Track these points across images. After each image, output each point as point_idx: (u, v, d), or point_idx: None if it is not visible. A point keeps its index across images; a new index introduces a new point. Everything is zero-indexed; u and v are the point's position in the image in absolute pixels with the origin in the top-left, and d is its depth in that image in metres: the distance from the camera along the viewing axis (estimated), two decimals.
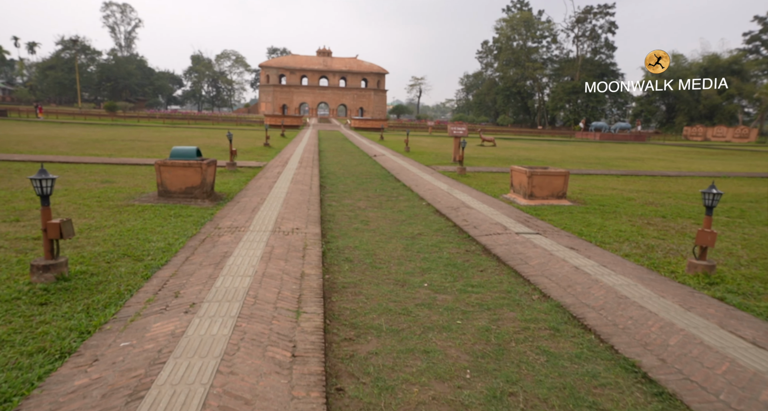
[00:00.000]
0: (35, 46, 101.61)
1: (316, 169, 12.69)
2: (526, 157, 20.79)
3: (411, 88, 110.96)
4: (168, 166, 7.47)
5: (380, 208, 8.14)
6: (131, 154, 14.80)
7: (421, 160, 16.46)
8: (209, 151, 16.88)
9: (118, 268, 4.26)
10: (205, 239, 5.33)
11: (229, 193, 8.59)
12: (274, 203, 7.51)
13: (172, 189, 7.56)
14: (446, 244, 5.90)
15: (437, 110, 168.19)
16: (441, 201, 8.58)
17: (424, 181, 10.99)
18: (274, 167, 12.51)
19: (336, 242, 5.80)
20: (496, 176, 12.82)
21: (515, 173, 9.20)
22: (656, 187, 11.70)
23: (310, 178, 10.83)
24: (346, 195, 9.28)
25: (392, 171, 13.10)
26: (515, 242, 5.72)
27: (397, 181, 11.43)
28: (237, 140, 23.42)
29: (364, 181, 11.32)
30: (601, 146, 35.77)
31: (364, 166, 14.64)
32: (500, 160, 18.15)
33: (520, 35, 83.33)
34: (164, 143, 19.78)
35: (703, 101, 73.50)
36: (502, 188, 10.50)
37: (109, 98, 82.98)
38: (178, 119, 51.23)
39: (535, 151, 25.23)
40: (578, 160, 19.95)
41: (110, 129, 30.90)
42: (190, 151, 7.72)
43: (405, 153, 19.72)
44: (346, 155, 18.23)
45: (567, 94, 76.47)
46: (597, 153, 26.31)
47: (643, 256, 5.33)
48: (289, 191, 8.68)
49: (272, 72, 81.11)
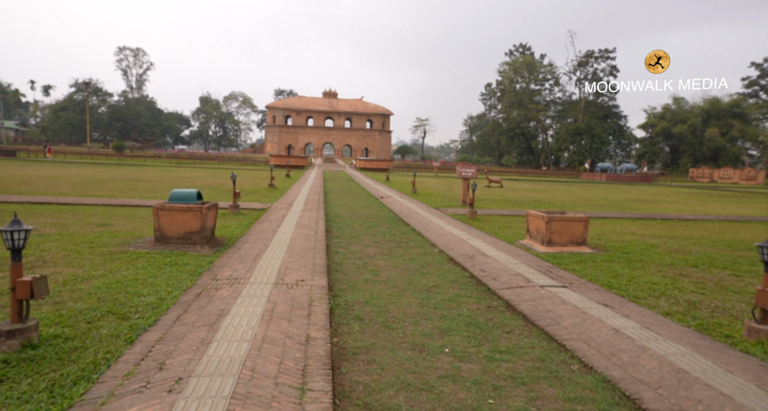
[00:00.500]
0: (50, 89, 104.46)
1: (321, 211, 12.30)
2: (536, 199, 20.40)
3: (415, 129, 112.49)
4: (166, 210, 7.07)
5: (390, 255, 7.65)
6: (133, 194, 14.50)
7: (430, 203, 16.08)
8: (213, 191, 16.60)
9: (99, 330, 3.76)
10: (200, 293, 4.84)
11: (230, 238, 8.15)
12: (277, 250, 7.05)
13: (169, 234, 7.13)
14: (465, 299, 5.38)
15: (441, 151, 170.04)
16: (454, 248, 8.09)
17: (434, 226, 10.54)
18: (279, 209, 12.13)
19: (344, 296, 5.29)
20: (508, 220, 12.36)
21: (532, 218, 8.75)
22: (677, 231, 11.19)
23: (315, 221, 10.40)
24: (353, 240, 8.81)
25: (400, 214, 12.68)
26: (541, 297, 5.19)
27: (406, 225, 10.98)
28: (242, 180, 23.25)
29: (371, 225, 10.88)
30: (609, 187, 35.45)
31: (371, 208, 14.25)
32: (510, 203, 17.74)
33: (523, 78, 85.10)
34: (168, 184, 19.57)
35: (707, 143, 73.82)
36: (517, 233, 10.02)
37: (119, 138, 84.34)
38: (185, 159, 51.63)
39: (543, 193, 24.88)
40: (589, 203, 19.53)
41: (116, 169, 30.94)
42: (189, 194, 7.34)
43: (412, 194, 19.38)
44: (352, 197, 17.89)
45: (571, 136, 77.12)
46: (606, 194, 25.92)
47: (686, 314, 4.78)
48: (294, 236, 8.23)
49: (278, 113, 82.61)
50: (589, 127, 75.96)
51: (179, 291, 4.92)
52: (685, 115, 77.72)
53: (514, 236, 9.61)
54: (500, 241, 8.89)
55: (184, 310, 4.31)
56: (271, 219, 10.35)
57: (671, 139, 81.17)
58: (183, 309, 4.35)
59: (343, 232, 9.65)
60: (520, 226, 11.28)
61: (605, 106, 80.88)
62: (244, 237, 8.20)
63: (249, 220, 10.34)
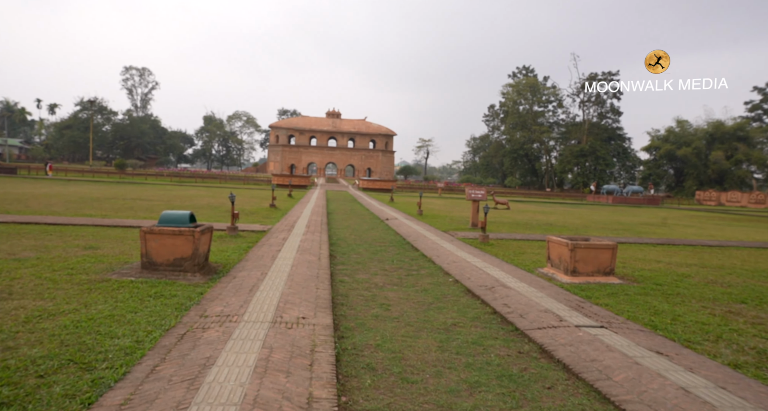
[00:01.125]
0: (56, 108, 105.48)
1: (324, 234, 11.62)
2: (545, 222, 19.70)
3: (418, 150, 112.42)
4: (155, 234, 6.41)
5: (401, 285, 6.94)
6: (128, 214, 13.87)
7: (437, 225, 15.39)
8: (212, 211, 15.96)
9: (52, 388, 3.05)
10: (185, 334, 4.14)
11: (226, 263, 7.47)
12: (276, 279, 6.35)
13: (158, 260, 6.44)
14: (491, 341, 4.65)
15: (443, 171, 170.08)
16: (471, 277, 7.37)
17: (445, 251, 9.84)
18: (280, 232, 11.45)
19: (353, 337, 4.57)
20: (522, 245, 11.65)
21: (553, 245, 8.05)
22: (704, 259, 10.45)
23: (318, 245, 9.71)
24: (359, 267, 8.11)
25: (408, 238, 11.99)
26: (580, 341, 4.47)
27: (415, 250, 10.28)
28: (242, 200, 22.65)
29: (378, 249, 10.19)
30: (617, 210, 34.75)
31: (377, 231, 13.56)
32: (520, 226, 17.04)
33: (526, 100, 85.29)
34: (166, 203, 18.97)
35: (712, 166, 73.34)
36: (534, 260, 9.32)
37: (122, 156, 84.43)
38: (186, 177, 51.25)
39: (551, 215, 24.19)
40: (601, 226, 18.81)
41: (115, 187, 30.43)
42: (181, 216, 6.69)
43: (418, 216, 18.71)
44: (357, 218, 17.23)
45: (575, 157, 76.82)
46: (617, 217, 25.20)
47: (760, 367, 4.05)
48: (295, 263, 7.53)
49: (282, 132, 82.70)
50: (593, 149, 75.70)
51: (160, 331, 4.21)
52: (689, 137, 77.51)
53: (531, 263, 8.90)
54: (519, 270, 8.17)
55: (162, 358, 3.60)
56: (271, 242, 9.67)
57: (675, 162, 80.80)
58: (161, 356, 3.64)
59: (349, 258, 8.95)
60: (536, 251, 10.58)
61: (609, 128, 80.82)
62: (240, 263, 7.51)
63: (247, 243, 9.66)
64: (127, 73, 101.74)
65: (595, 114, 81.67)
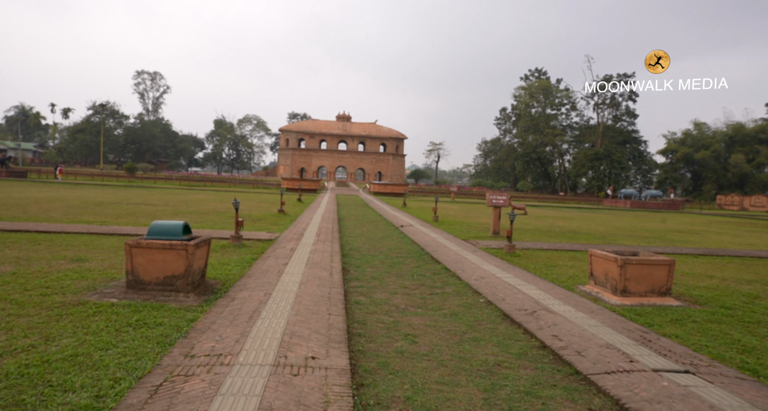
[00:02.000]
0: (69, 112, 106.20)
1: (336, 244, 10.70)
2: (568, 228, 18.62)
3: (429, 153, 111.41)
4: (142, 248, 5.53)
5: (425, 308, 5.98)
6: (128, 220, 13.08)
7: (456, 233, 14.40)
8: (218, 217, 15.12)
9: None
10: (160, 386, 3.22)
11: (226, 280, 6.57)
12: (282, 302, 5.43)
13: (146, 278, 5.56)
14: (549, 391, 3.67)
15: (453, 175, 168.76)
16: (505, 298, 6.40)
17: (470, 264, 8.86)
18: (288, 241, 10.55)
19: (374, 386, 3.62)
20: (551, 256, 10.64)
21: (598, 260, 7.04)
22: (762, 275, 9.34)
23: (330, 257, 8.79)
24: (376, 284, 7.16)
25: (426, 247, 11.03)
26: (670, 396, 3.47)
27: (436, 263, 9.31)
28: (250, 205, 21.84)
29: (395, 261, 9.23)
30: (638, 215, 33.42)
31: (392, 239, 12.62)
32: (542, 233, 15.99)
33: (539, 102, 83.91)
34: (171, 208, 18.21)
35: (732, 169, 71.42)
36: (570, 275, 8.32)
37: (134, 160, 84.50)
38: (196, 181, 50.76)
39: (572, 221, 23.06)
40: (628, 233, 17.68)
41: (123, 191, 29.85)
42: (173, 226, 5.80)
43: (434, 222, 17.73)
44: (369, 225, 16.29)
45: (590, 161, 75.25)
46: (641, 223, 23.97)
47: None
48: (304, 280, 6.61)
49: (292, 136, 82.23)
50: (609, 152, 74.10)
51: (131, 379, 3.31)
52: (707, 140, 75.61)
53: (568, 279, 7.90)
54: (557, 288, 7.17)
55: None
56: (277, 254, 8.77)
57: (692, 165, 78.86)
58: None
59: (363, 272, 8.01)
60: (568, 264, 9.57)
61: (624, 130, 79.15)
62: (242, 280, 6.61)
63: (252, 254, 8.77)
64: (138, 77, 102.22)
65: (610, 116, 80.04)
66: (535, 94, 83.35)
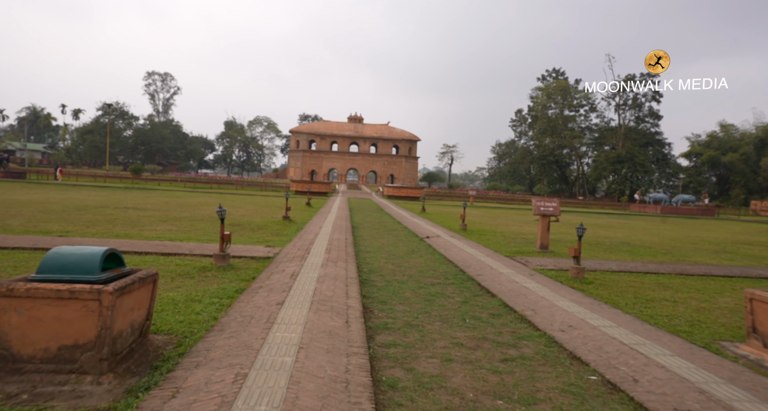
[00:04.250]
0: (80, 113, 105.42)
1: (351, 264, 8.30)
2: (616, 239, 16.04)
3: (442, 156, 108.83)
4: (20, 298, 3.18)
5: (510, 398, 3.53)
6: (99, 230, 10.81)
7: (494, 246, 11.94)
8: (212, 225, 12.78)
9: None
10: None
11: (185, 335, 4.21)
12: (264, 398, 3.03)
13: (24, 351, 3.20)
14: None
15: (465, 178, 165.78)
16: (635, 375, 3.92)
17: (536, 298, 6.41)
18: (290, 260, 8.18)
19: None
20: (631, 282, 8.14)
21: (762, 306, 4.56)
22: None
23: (344, 288, 6.39)
24: (415, 339, 4.73)
25: (467, 269, 8.58)
26: None
27: (488, 294, 6.87)
28: (254, 210, 19.56)
29: (432, 293, 6.80)
30: (678, 223, 30.61)
31: (419, 255, 10.19)
32: (592, 246, 13.45)
33: (557, 103, 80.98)
34: (161, 213, 15.96)
35: (762, 173, 67.99)
36: (683, 317, 5.86)
37: (143, 161, 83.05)
38: (202, 183, 48.80)
39: (612, 230, 20.46)
40: (692, 246, 15.04)
41: (120, 193, 27.80)
42: (86, 257, 3.43)
43: (462, 232, 15.28)
44: (389, 235, 13.87)
45: (611, 164, 72.14)
46: (694, 233, 21.23)
47: None
48: (306, 340, 4.20)
49: (302, 137, 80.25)
50: (631, 155, 70.96)
51: None
52: (735, 143, 72.21)
53: (691, 327, 5.44)
54: (698, 349, 4.69)
55: None
56: (272, 282, 6.39)
57: (718, 169, 75.49)
58: None
59: (393, 313, 5.59)
60: (663, 295, 7.10)
61: (647, 132, 75.98)
62: (209, 337, 4.22)
63: (238, 282, 6.41)
64: (149, 78, 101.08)
65: (632, 118, 76.89)
66: (552, 95, 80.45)
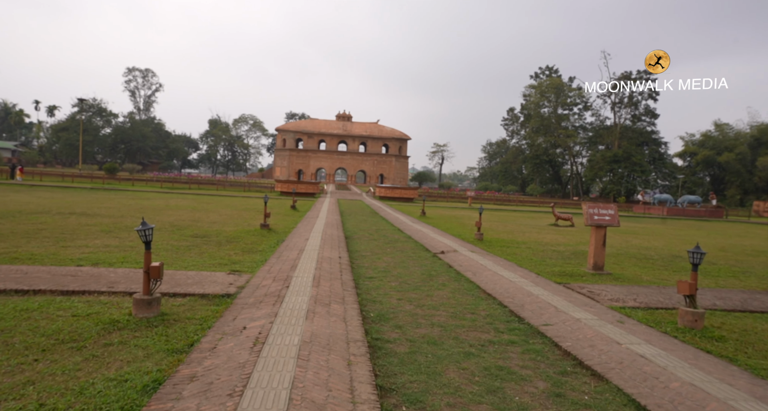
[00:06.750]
0: (55, 110, 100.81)
1: (351, 306, 5.61)
2: (654, 249, 13.57)
3: (433, 155, 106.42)
4: None
5: None
6: (6, 246, 7.97)
7: (528, 265, 9.33)
8: (173, 235, 9.98)
9: None
10: None
11: None
12: None
13: None
14: None
15: (454, 178, 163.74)
16: None
17: (685, 389, 3.80)
18: (258, 302, 5.47)
19: None
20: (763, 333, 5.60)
21: None
22: None
23: (345, 367, 3.70)
24: None
25: (517, 308, 5.95)
26: None
27: (578, 366, 4.24)
28: (228, 215, 16.71)
29: (489, 367, 4.14)
30: (692, 225, 28.42)
31: (442, 283, 7.53)
32: (644, 261, 10.92)
33: (550, 102, 78.93)
34: (113, 220, 13.06)
35: (758, 173, 66.66)
36: None
37: (123, 160, 79.24)
38: (181, 183, 45.60)
39: (636, 236, 18.05)
40: (734, 259, 12.62)
41: (81, 194, 24.70)
42: None
43: (480, 243, 12.68)
44: (393, 250, 11.18)
45: (607, 163, 70.26)
46: (726, 239, 18.86)
47: None
48: None
49: (289, 136, 77.18)
50: (628, 154, 69.19)
51: None
52: (730, 142, 70.96)
53: None
54: None
55: None
56: (219, 360, 3.68)
57: (713, 169, 74.16)
58: None
59: None
60: None
61: (644, 131, 74.32)
62: None
63: (153, 366, 3.69)
64: (129, 74, 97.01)
65: (628, 116, 75.20)
66: (545, 93, 78.40)
